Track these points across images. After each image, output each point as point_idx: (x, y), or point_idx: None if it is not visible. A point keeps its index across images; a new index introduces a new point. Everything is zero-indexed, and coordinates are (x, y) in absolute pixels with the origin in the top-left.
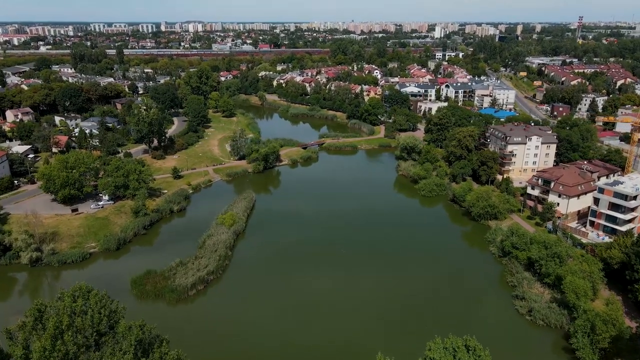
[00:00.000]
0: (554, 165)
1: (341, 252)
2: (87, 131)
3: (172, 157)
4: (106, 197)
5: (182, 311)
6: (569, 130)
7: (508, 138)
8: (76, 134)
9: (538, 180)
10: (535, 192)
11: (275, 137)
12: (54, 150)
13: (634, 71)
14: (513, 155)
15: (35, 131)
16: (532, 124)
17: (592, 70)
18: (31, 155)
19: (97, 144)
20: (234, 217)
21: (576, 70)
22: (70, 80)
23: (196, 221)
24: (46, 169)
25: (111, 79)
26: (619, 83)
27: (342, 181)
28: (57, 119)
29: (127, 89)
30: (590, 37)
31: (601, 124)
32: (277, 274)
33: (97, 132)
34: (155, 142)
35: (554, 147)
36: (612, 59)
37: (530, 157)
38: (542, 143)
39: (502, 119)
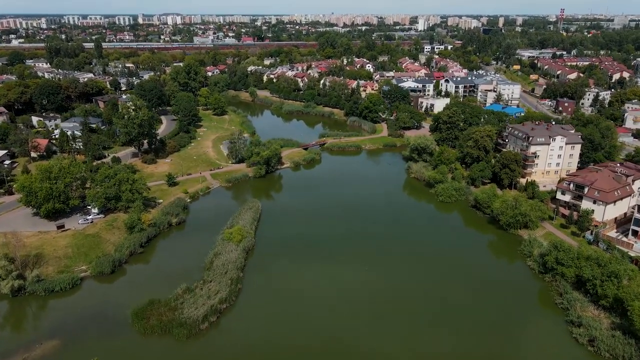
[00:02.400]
0: (577, 168)
1: (365, 269)
2: (68, 133)
3: (164, 161)
4: (95, 210)
5: (194, 349)
6: (589, 128)
7: (531, 138)
8: (56, 136)
9: (570, 184)
10: (566, 198)
11: (272, 137)
12: (33, 154)
13: (625, 64)
14: (536, 156)
15: (11, 134)
16: (554, 123)
17: (586, 63)
18: (7, 162)
19: (81, 147)
20: (242, 232)
21: (568, 63)
22: (46, 75)
23: (198, 236)
24: (26, 180)
25: (91, 75)
26: (614, 76)
27: (351, 186)
28: (35, 119)
29: (109, 86)
30: (572, 29)
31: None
32: (297, 298)
33: (80, 134)
34: (145, 144)
35: (578, 147)
36: (602, 52)
37: (553, 159)
38: (566, 143)
39: (514, 116)
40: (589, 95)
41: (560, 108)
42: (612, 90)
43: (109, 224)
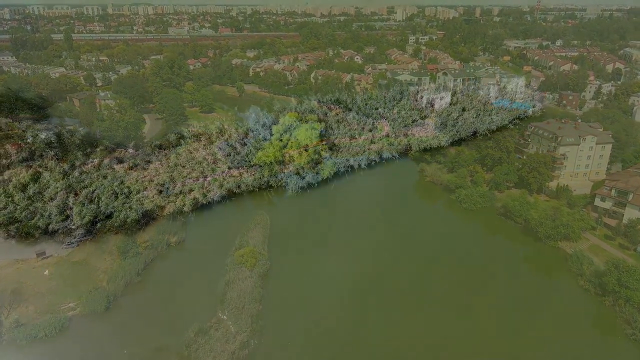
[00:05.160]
0: (607, 170)
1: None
2: (42, 136)
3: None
4: (81, 231)
5: None
6: (607, 125)
7: (559, 139)
8: (29, 141)
9: (611, 190)
10: (606, 205)
11: None
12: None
13: (613, 54)
14: (565, 158)
15: None
16: (580, 121)
17: (574, 54)
18: None
19: (58, 153)
20: (255, 254)
21: (557, 54)
22: (12, 70)
23: (203, 258)
24: None
25: (62, 69)
26: (607, 67)
27: (361, 190)
28: (2, 120)
29: (83, 81)
30: (550, 19)
31: None
32: (329, 333)
33: (57, 138)
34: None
35: (609, 147)
36: (588, 42)
37: (582, 160)
38: (596, 143)
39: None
40: (591, 87)
41: (564, 102)
42: (612, 82)
43: (98, 247)
